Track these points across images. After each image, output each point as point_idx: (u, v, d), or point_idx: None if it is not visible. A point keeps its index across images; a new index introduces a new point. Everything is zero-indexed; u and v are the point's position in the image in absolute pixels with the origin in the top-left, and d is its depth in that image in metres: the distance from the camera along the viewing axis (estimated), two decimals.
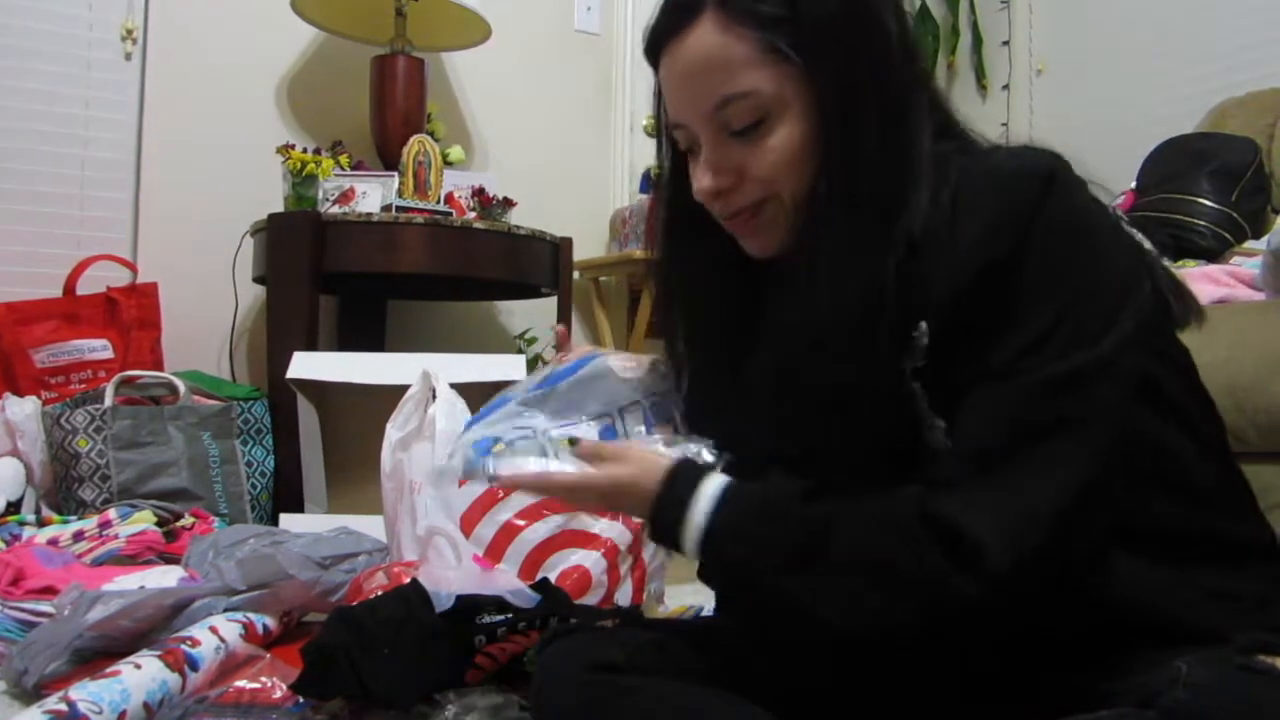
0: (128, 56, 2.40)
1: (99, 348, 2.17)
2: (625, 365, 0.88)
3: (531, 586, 1.15)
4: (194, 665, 1.01)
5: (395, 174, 2.25)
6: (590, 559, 1.35)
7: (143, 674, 0.95)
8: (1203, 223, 1.99)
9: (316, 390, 1.96)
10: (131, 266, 2.33)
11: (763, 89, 0.71)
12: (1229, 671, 0.58)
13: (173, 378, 2.06)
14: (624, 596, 1.39)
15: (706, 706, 0.71)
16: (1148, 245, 0.74)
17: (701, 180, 0.75)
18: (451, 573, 1.17)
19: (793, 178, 0.73)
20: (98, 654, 1.10)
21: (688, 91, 0.74)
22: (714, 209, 0.77)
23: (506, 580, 1.13)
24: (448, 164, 2.44)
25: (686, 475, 0.73)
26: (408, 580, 1.16)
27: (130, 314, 2.20)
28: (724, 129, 0.73)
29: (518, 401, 0.84)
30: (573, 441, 0.77)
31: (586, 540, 1.36)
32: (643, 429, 0.82)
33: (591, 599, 1.34)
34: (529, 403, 0.83)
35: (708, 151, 0.75)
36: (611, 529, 1.38)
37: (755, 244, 0.78)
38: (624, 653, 0.76)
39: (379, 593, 1.13)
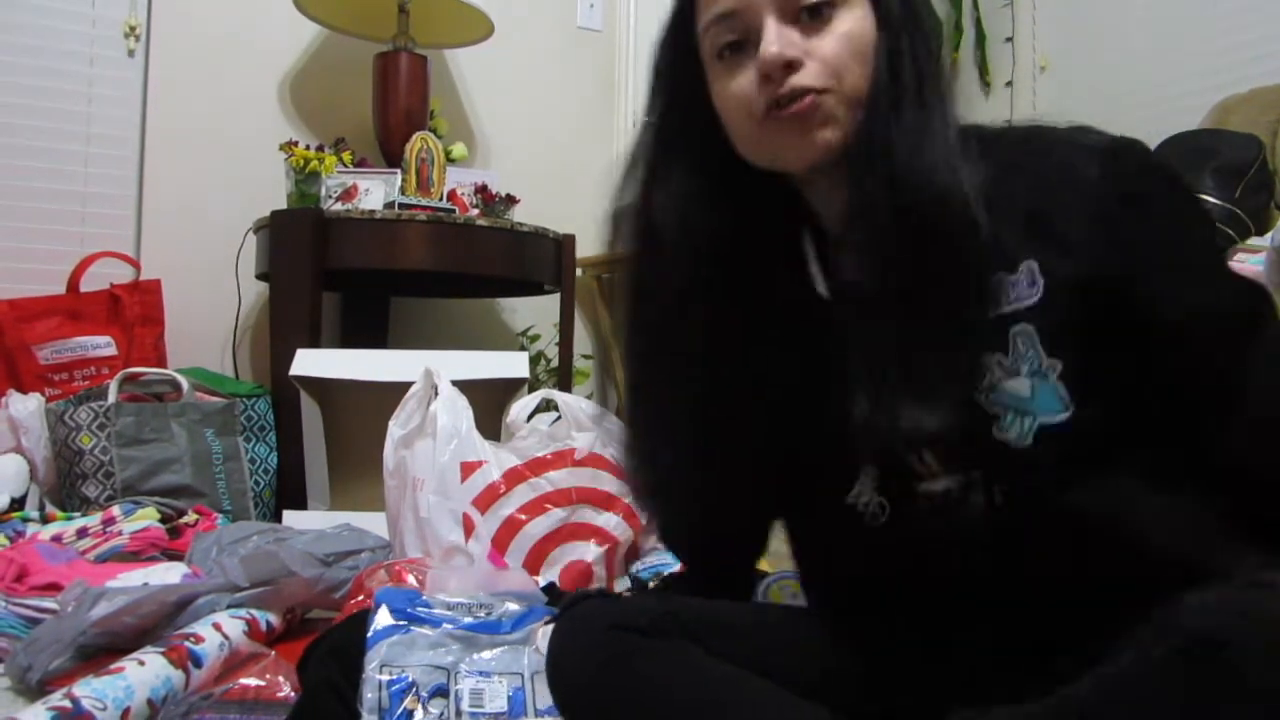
0: (130, 53, 2.40)
1: (102, 344, 2.17)
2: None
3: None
4: (197, 662, 1.01)
5: (398, 171, 2.25)
6: (591, 553, 1.35)
7: (146, 670, 0.96)
8: None
9: (319, 387, 1.96)
10: (134, 263, 2.33)
11: None
12: (1240, 589, 0.58)
13: (176, 375, 2.06)
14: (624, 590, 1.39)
15: (726, 678, 0.71)
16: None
17: (769, 48, 0.72)
18: (459, 574, 1.17)
19: (856, 71, 0.72)
20: (101, 650, 1.10)
21: None
22: (770, 91, 0.73)
23: (517, 580, 1.14)
24: (450, 161, 2.44)
25: None
26: (409, 578, 1.17)
27: (133, 311, 2.20)
28: (792, 9, 0.73)
29: (447, 632, 0.90)
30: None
31: (588, 533, 1.36)
32: (550, 698, 0.87)
33: None
34: (456, 637, 0.90)
35: (774, 30, 0.73)
36: (610, 522, 1.38)
37: (805, 143, 0.74)
38: (647, 619, 0.76)
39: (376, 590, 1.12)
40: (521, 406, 1.49)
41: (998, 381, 0.71)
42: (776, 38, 0.72)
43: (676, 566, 1.35)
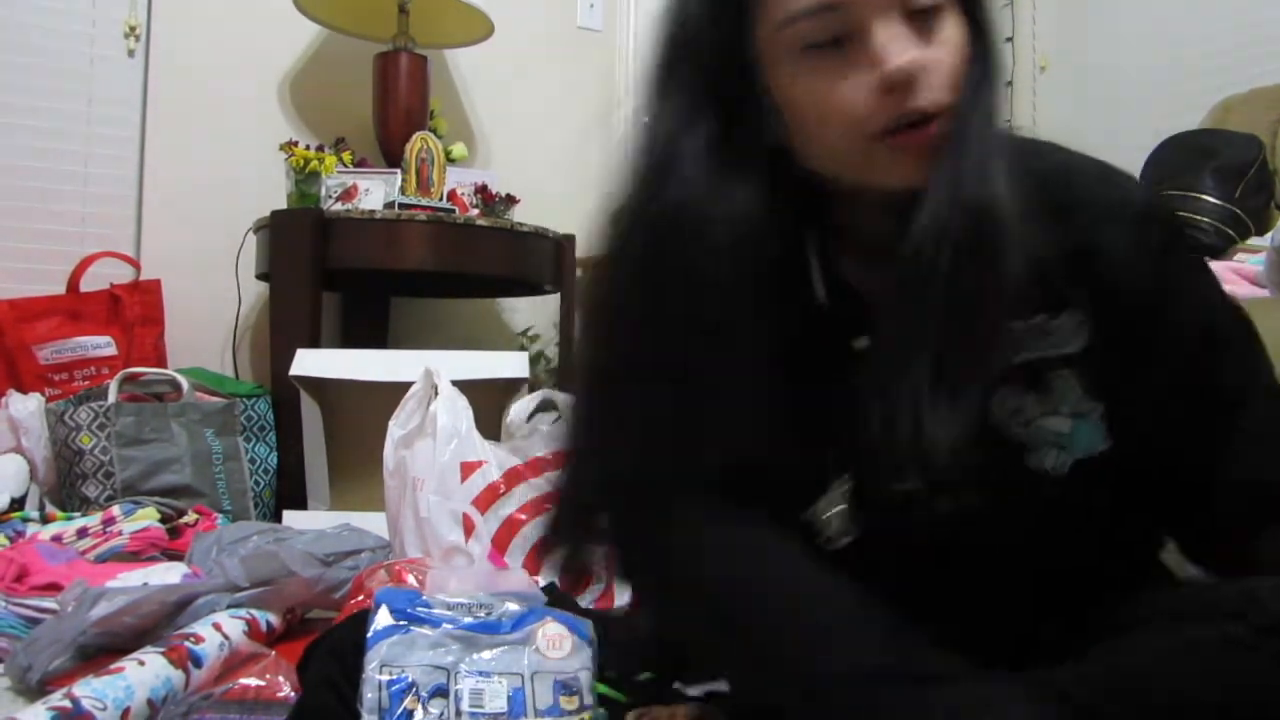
0: (130, 53, 2.40)
1: (102, 344, 2.17)
2: (551, 643, 0.92)
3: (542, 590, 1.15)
4: (197, 662, 1.01)
5: (398, 171, 2.25)
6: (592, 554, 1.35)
7: (146, 671, 0.95)
8: (1206, 220, 1.99)
9: (319, 387, 1.96)
10: (134, 263, 2.33)
11: None
12: None
13: (176, 375, 2.06)
14: (625, 590, 1.39)
15: (819, 576, 0.70)
16: None
17: (900, 56, 0.63)
18: (459, 574, 1.17)
19: (957, 86, 0.66)
20: (101, 650, 1.10)
21: None
22: (893, 107, 0.65)
23: (517, 580, 1.13)
24: (450, 161, 2.44)
25: None
26: (409, 578, 1.17)
27: (133, 311, 2.20)
28: (905, 7, 0.65)
29: (447, 632, 0.90)
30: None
31: None
32: (550, 697, 0.88)
33: (591, 594, 1.35)
34: (456, 637, 0.90)
35: (899, 34, 0.64)
36: None
37: (919, 170, 0.67)
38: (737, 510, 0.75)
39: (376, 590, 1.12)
40: (521, 407, 1.49)
41: (1034, 417, 0.73)
42: (905, 44, 0.64)
43: None
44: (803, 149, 0.70)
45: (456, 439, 1.37)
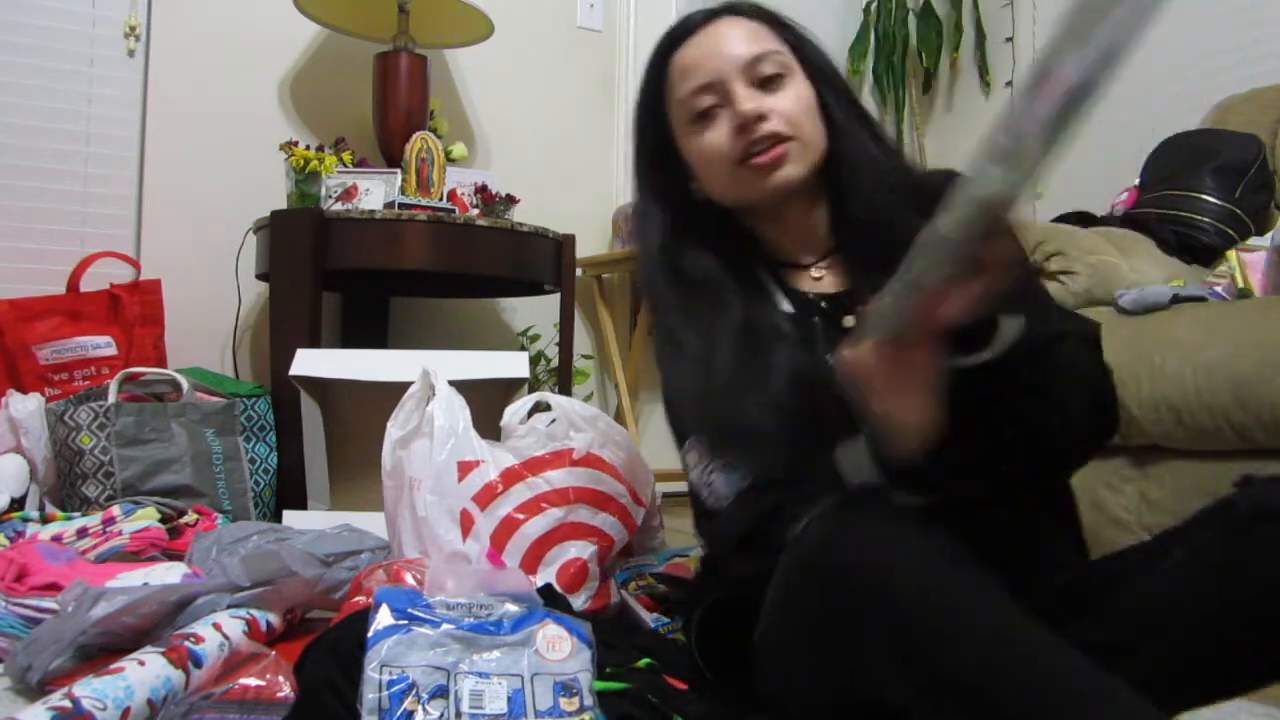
0: (131, 54, 2.40)
1: (102, 344, 2.17)
2: (551, 645, 0.93)
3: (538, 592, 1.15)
4: (197, 662, 1.01)
5: (398, 171, 2.25)
6: (588, 551, 1.35)
7: (146, 670, 0.96)
8: (1206, 219, 1.99)
9: (319, 387, 1.96)
10: (134, 263, 2.33)
11: (782, 51, 0.98)
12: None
13: (176, 374, 2.06)
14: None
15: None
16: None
17: (745, 105, 0.94)
18: (456, 574, 1.16)
19: (808, 127, 0.96)
20: (101, 650, 1.10)
21: (730, 49, 0.97)
22: (749, 135, 0.94)
23: (514, 580, 1.13)
24: (450, 161, 2.44)
25: None
26: (408, 577, 1.17)
27: (133, 311, 2.20)
28: (754, 79, 0.96)
29: (448, 632, 0.91)
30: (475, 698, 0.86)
31: (585, 533, 1.36)
32: (550, 699, 0.88)
33: (587, 591, 1.35)
34: (457, 637, 0.90)
35: (744, 94, 0.95)
36: (606, 523, 1.38)
37: (778, 177, 0.95)
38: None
39: (375, 589, 1.12)
40: (513, 411, 1.48)
41: None
42: (746, 100, 0.94)
43: (659, 567, 1.35)
44: (710, 190, 1.00)
45: (453, 438, 1.37)
